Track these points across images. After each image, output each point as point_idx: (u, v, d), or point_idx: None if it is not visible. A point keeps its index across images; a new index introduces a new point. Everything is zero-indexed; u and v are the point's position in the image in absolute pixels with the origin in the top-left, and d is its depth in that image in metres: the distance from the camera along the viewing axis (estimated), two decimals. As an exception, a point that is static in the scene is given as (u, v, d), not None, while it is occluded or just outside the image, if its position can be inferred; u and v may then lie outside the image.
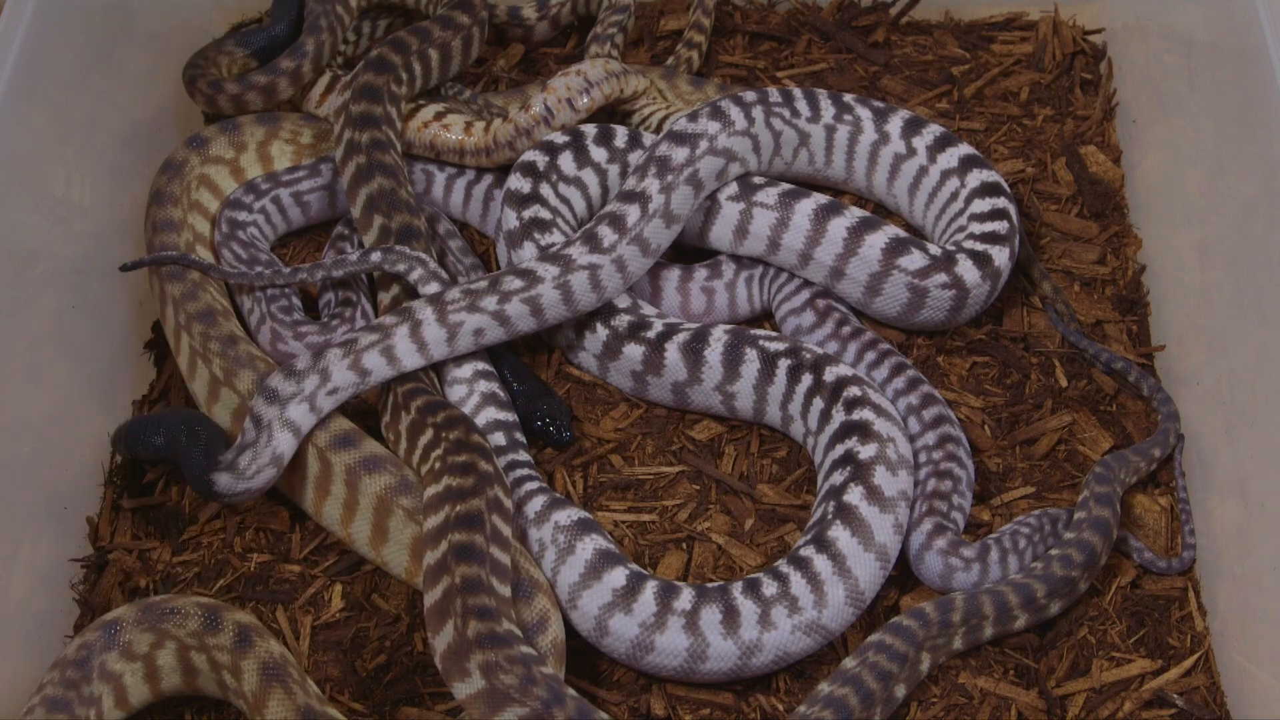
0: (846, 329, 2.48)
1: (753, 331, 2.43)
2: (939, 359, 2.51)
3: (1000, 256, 2.48)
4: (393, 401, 2.33)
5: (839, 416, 2.30)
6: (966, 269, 2.45)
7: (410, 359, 2.32)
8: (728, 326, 2.43)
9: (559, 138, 2.59)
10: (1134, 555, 2.30)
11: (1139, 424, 2.44)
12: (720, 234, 2.54)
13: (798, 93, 2.61)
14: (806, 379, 2.36)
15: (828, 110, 2.62)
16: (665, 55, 2.96)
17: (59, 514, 2.33)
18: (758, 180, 2.54)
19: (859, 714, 2.04)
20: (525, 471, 2.30)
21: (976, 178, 2.56)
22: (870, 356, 2.45)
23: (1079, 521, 2.25)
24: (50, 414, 2.35)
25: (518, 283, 2.36)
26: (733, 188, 2.53)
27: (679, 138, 2.47)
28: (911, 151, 2.61)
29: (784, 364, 2.37)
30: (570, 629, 2.18)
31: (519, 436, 2.37)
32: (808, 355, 2.38)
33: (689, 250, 2.62)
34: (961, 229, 2.54)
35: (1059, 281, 2.60)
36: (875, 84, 2.88)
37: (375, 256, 2.43)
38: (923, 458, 2.34)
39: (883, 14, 3.00)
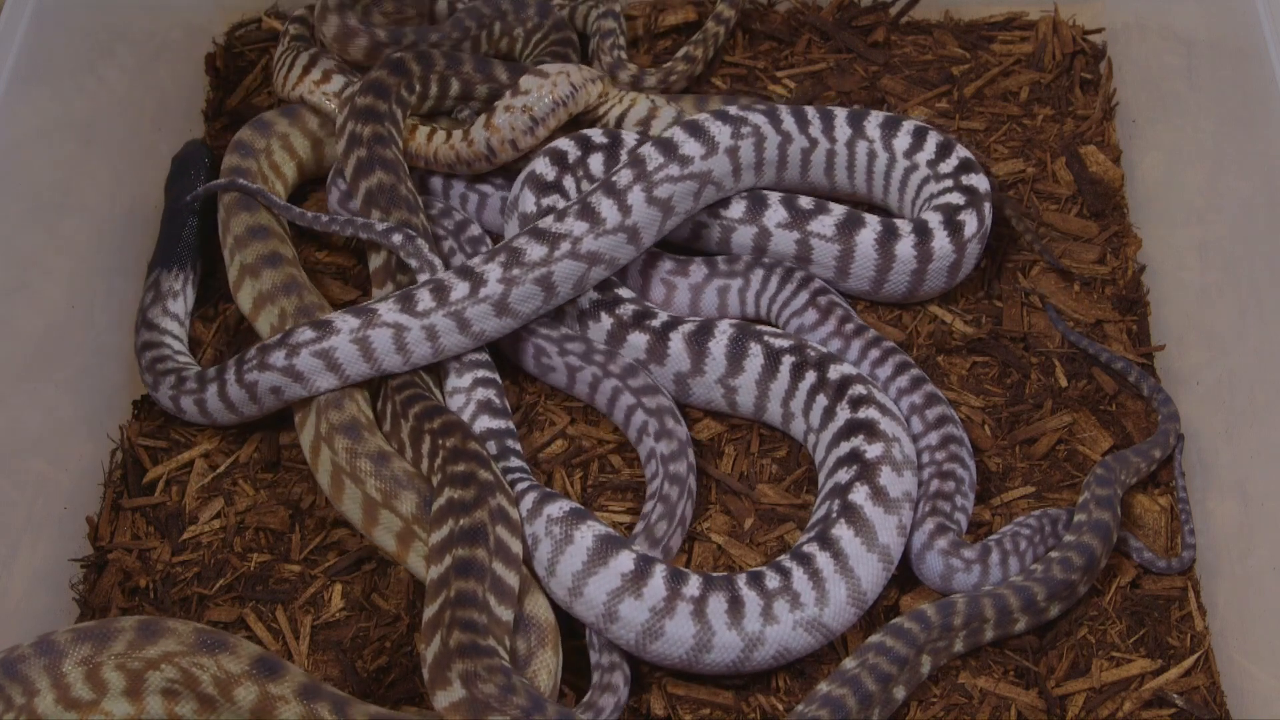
0: (849, 326, 2.47)
1: (758, 327, 2.43)
2: (939, 358, 2.51)
3: (982, 183, 2.54)
4: (391, 410, 2.33)
5: (843, 414, 2.30)
6: (980, 211, 2.50)
7: (221, 416, 2.40)
8: (733, 320, 2.43)
9: (598, 136, 2.54)
10: (1134, 555, 2.30)
11: (1139, 424, 2.44)
12: (778, 256, 2.54)
13: (705, 118, 2.46)
14: (810, 376, 2.35)
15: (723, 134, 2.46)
16: (665, 55, 2.96)
17: (59, 514, 2.32)
18: (806, 204, 2.51)
19: (856, 714, 2.04)
20: (517, 475, 2.29)
21: (906, 130, 2.59)
22: (874, 355, 2.44)
23: (1079, 524, 2.25)
24: (50, 413, 2.35)
25: (309, 334, 2.30)
26: (782, 215, 2.50)
27: (541, 235, 2.34)
28: (832, 141, 2.59)
29: (788, 360, 2.37)
30: (567, 625, 2.18)
31: (511, 444, 2.35)
32: (812, 353, 2.38)
33: (691, 252, 2.62)
34: (930, 178, 2.56)
35: (1059, 281, 2.60)
36: (875, 84, 2.88)
37: (397, 238, 2.43)
38: (925, 458, 2.34)
39: (883, 14, 3.00)
